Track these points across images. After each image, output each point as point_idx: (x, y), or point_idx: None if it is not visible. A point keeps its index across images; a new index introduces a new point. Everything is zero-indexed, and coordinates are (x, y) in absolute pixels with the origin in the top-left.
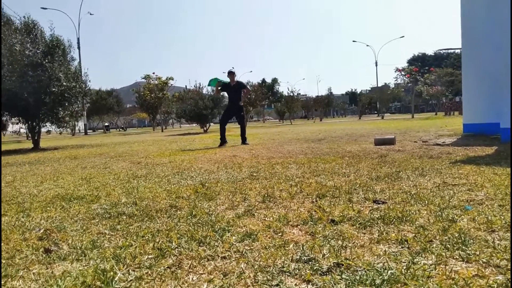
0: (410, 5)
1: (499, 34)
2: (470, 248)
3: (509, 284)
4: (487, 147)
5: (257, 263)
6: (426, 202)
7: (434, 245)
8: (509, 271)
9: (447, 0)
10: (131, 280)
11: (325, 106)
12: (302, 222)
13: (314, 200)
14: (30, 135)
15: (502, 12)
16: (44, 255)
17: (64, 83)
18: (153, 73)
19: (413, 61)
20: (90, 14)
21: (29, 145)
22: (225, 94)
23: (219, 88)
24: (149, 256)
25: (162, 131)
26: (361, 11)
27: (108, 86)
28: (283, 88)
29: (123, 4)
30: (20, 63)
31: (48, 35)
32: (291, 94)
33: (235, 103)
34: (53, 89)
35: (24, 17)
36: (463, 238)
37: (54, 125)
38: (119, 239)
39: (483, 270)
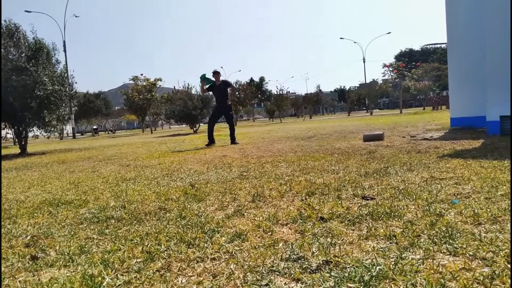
0: (396, 1)
1: (483, 28)
2: (457, 242)
3: (495, 276)
4: (473, 141)
5: (247, 263)
6: (414, 197)
7: (422, 240)
8: (495, 263)
9: None
10: (119, 285)
11: (314, 103)
12: (291, 221)
13: (303, 198)
14: (17, 140)
15: (486, 6)
16: (30, 262)
17: (50, 87)
18: (141, 74)
19: (400, 56)
20: (76, 16)
21: (16, 150)
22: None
23: (205, 87)
24: (138, 260)
25: (152, 132)
26: (348, 8)
27: (95, 88)
28: (272, 87)
29: (109, 6)
30: (3, 68)
31: (31, 39)
32: (280, 93)
33: (222, 102)
34: (39, 93)
35: (5, 20)
36: (450, 232)
37: (41, 129)
38: (108, 244)
39: (470, 263)
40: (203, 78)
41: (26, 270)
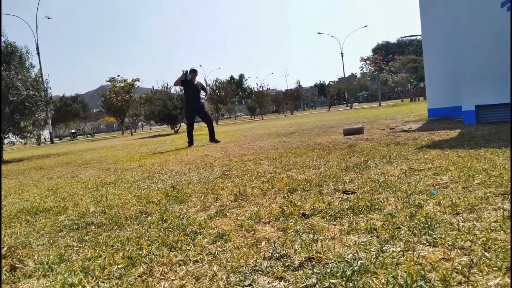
0: None
1: (457, 19)
2: (436, 232)
3: (473, 265)
4: (451, 131)
5: (230, 264)
6: (394, 189)
7: (402, 232)
8: (473, 252)
9: None
10: None
11: (294, 99)
12: (274, 219)
13: (285, 195)
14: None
15: None
16: (8, 274)
17: (24, 92)
18: (118, 75)
19: (377, 49)
20: (48, 18)
21: None
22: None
23: (180, 81)
24: (119, 266)
25: (132, 134)
26: (325, 2)
27: (72, 91)
28: (252, 84)
29: (82, 6)
30: None
31: (2, 42)
32: (261, 89)
33: (195, 102)
34: (12, 99)
35: None
36: (429, 223)
37: (16, 136)
38: (88, 251)
39: (449, 253)
40: (185, 73)
41: (3, 283)
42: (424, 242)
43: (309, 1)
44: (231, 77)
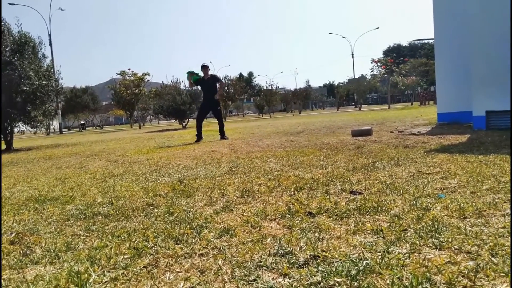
0: None
1: (470, 24)
2: (443, 236)
3: (480, 269)
4: (460, 136)
5: (235, 258)
6: (401, 191)
7: (409, 234)
8: (480, 257)
9: None
10: (106, 282)
11: (303, 99)
12: (280, 216)
13: (292, 193)
14: (2, 135)
15: (473, 2)
16: (15, 260)
17: (36, 82)
18: (129, 69)
19: (388, 52)
20: (62, 9)
21: (2, 146)
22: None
23: (192, 81)
24: (125, 256)
25: (140, 128)
26: (337, 2)
27: (82, 83)
28: (262, 82)
29: None
30: None
31: (16, 32)
32: (270, 88)
33: (211, 97)
34: (24, 88)
35: None
36: (436, 226)
37: (27, 125)
38: (94, 240)
39: (455, 257)
40: (189, 74)
41: (10, 268)
42: (431, 245)
43: (321, 1)
44: (240, 74)
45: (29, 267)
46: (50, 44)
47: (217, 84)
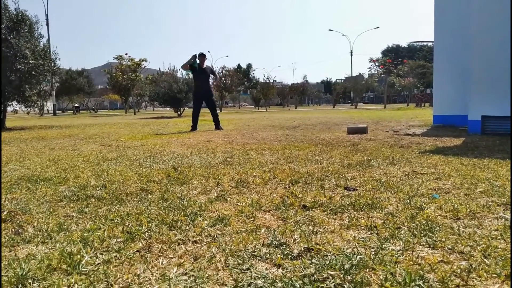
0: None
1: (470, 28)
2: (436, 235)
3: (472, 270)
4: (455, 138)
5: (228, 247)
6: (396, 190)
7: (402, 232)
8: (472, 257)
9: None
10: (98, 264)
11: (300, 94)
12: (274, 208)
13: (287, 186)
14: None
15: (475, 7)
16: (7, 238)
17: (31, 61)
18: (126, 53)
19: (387, 52)
20: None
21: None
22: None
23: (188, 65)
24: (118, 240)
25: (135, 114)
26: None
27: (78, 65)
28: (259, 75)
29: None
30: None
31: (13, 9)
32: (267, 81)
33: (204, 87)
34: (19, 67)
35: None
36: (430, 225)
37: (20, 104)
38: (87, 222)
39: (448, 256)
40: (194, 58)
41: (2, 245)
42: (424, 243)
43: None
44: (239, 66)
45: (21, 246)
46: (47, 24)
47: (212, 76)
